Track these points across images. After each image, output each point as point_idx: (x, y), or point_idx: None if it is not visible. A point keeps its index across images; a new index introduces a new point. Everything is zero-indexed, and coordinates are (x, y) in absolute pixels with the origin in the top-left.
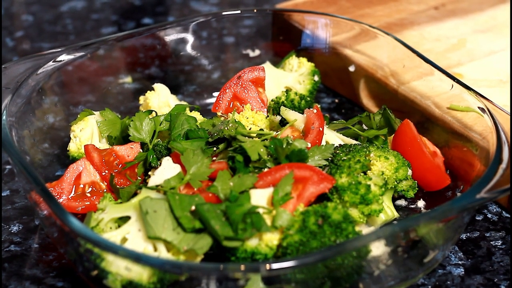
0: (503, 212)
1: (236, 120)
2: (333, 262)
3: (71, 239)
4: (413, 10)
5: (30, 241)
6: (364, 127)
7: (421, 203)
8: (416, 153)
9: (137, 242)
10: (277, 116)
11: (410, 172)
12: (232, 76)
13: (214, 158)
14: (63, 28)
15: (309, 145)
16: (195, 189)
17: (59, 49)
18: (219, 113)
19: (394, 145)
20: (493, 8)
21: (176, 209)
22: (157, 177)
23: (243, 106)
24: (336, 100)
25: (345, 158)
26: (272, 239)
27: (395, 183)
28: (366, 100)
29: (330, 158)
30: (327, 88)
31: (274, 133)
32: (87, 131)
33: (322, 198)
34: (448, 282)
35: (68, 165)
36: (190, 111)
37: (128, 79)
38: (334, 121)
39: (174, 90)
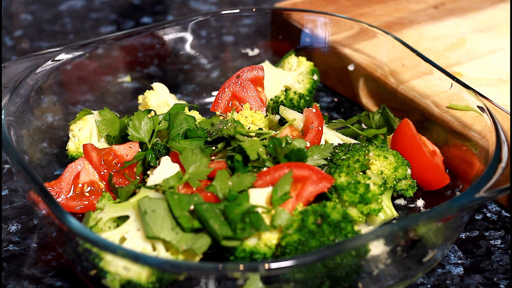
0: (503, 211)
1: (235, 119)
2: (332, 261)
3: (69, 239)
4: (413, 9)
5: (28, 241)
6: (363, 126)
7: (420, 202)
8: (415, 152)
9: (136, 242)
10: (276, 115)
11: (409, 171)
12: (231, 75)
13: (213, 158)
14: (62, 27)
15: (308, 144)
16: (194, 188)
17: (58, 48)
18: (218, 113)
19: (393, 144)
20: (493, 7)
21: (174, 209)
22: (156, 177)
23: (242, 106)
24: (335, 99)
25: (344, 157)
26: (271, 238)
27: (394, 182)
28: (366, 99)
29: (329, 158)
30: (326, 87)
31: (273, 133)
32: (86, 131)
33: (321, 197)
34: (448, 282)
35: (67, 164)
36: (189, 110)
37: (127, 78)
38: (333, 120)
39: (173, 89)
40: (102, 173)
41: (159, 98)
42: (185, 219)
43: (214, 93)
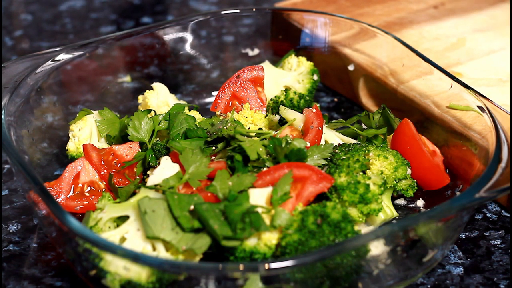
0: (503, 211)
1: (235, 119)
2: (332, 261)
3: (69, 239)
4: (413, 9)
5: (28, 241)
6: (364, 126)
7: (420, 202)
8: (415, 152)
9: (136, 242)
10: (276, 115)
11: (409, 171)
12: (231, 75)
13: (213, 158)
14: (62, 27)
15: (308, 144)
16: (194, 188)
17: (58, 48)
18: (218, 112)
19: (393, 144)
20: (493, 7)
21: (174, 209)
22: (155, 177)
23: (242, 105)
24: (335, 99)
25: (344, 157)
26: (271, 238)
27: (394, 182)
28: (366, 99)
29: (329, 158)
30: (326, 87)
31: (273, 133)
32: (86, 131)
33: (321, 197)
34: (448, 282)
35: (67, 164)
36: (189, 110)
37: (127, 78)
38: (333, 120)
39: (173, 89)
40: (102, 173)
41: (159, 98)
42: (185, 219)
43: (214, 93)
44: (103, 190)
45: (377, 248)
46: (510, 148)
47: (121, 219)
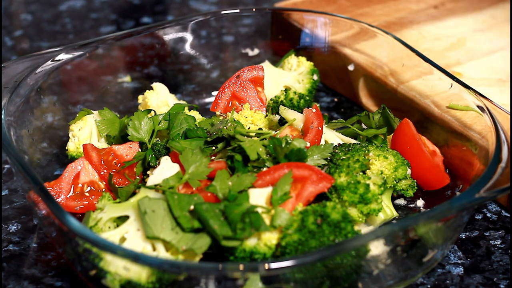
0: (503, 211)
1: (235, 119)
2: (332, 261)
3: (69, 239)
4: (413, 9)
5: (28, 241)
6: (363, 126)
7: (420, 202)
8: (415, 152)
9: (136, 242)
10: (276, 115)
11: (409, 171)
12: (231, 75)
13: (213, 158)
14: (62, 27)
15: (308, 144)
16: (194, 188)
17: (58, 48)
18: (218, 112)
19: (393, 144)
20: (493, 7)
21: (174, 209)
22: (155, 177)
23: (242, 105)
24: (335, 99)
25: (344, 157)
26: (271, 238)
27: (394, 182)
28: (365, 99)
29: (329, 158)
30: (326, 87)
31: (273, 133)
32: (86, 131)
33: (321, 197)
34: (448, 282)
35: (67, 164)
36: (189, 110)
37: (127, 78)
38: (333, 120)
39: (173, 89)
40: (102, 173)
41: (159, 98)
42: (185, 219)
43: (214, 93)
44: (103, 190)
45: (377, 248)
46: (510, 148)
47: (121, 219)
